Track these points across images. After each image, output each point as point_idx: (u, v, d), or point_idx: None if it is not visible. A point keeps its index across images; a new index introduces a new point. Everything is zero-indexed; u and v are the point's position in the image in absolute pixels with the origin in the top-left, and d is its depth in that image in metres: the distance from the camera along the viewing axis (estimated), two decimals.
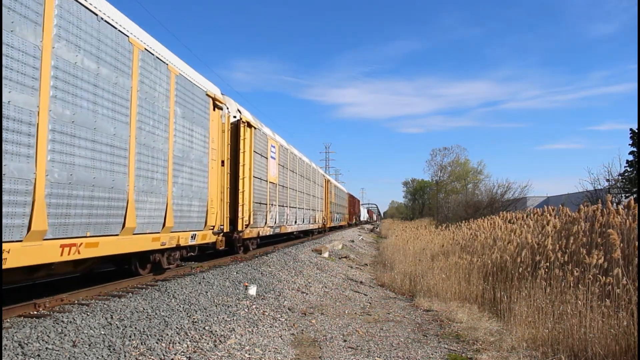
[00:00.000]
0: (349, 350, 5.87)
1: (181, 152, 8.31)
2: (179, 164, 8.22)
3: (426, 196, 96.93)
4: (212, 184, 9.70)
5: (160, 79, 7.62)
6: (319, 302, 8.94)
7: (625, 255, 6.70)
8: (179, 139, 8.24)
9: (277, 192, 15.78)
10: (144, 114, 7.12)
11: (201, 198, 9.07)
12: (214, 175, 9.79)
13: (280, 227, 16.22)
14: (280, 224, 16.25)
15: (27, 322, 5.03)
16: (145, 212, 7.10)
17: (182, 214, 8.32)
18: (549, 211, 10.38)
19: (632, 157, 29.45)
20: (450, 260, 11.26)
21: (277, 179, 15.83)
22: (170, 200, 7.84)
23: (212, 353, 5.06)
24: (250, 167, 12.39)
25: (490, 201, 36.43)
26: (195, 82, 8.98)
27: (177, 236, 8.11)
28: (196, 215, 8.85)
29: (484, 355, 5.73)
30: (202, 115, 9.25)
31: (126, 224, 6.52)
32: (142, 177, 7.01)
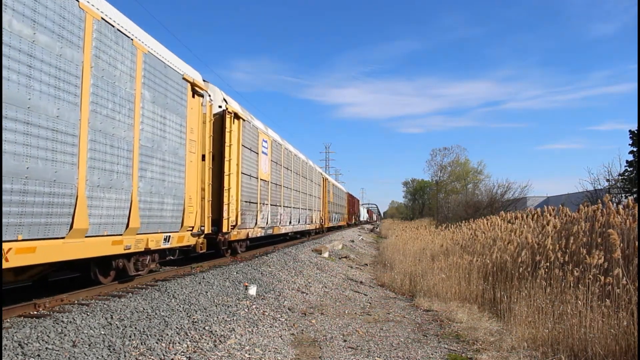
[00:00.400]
0: (349, 350, 5.87)
1: (150, 141, 7.27)
2: (148, 156, 7.19)
3: (426, 196, 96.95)
4: (191, 180, 8.66)
5: (123, 56, 6.57)
6: (319, 302, 8.94)
7: (625, 255, 6.70)
8: (148, 127, 7.20)
9: (270, 191, 14.76)
10: (101, 95, 6.06)
11: (176, 195, 8.06)
12: (192, 170, 8.77)
13: (273, 228, 15.24)
14: (273, 224, 15.25)
15: (27, 322, 5.03)
16: (102, 211, 6.10)
17: (152, 213, 7.30)
18: (549, 211, 10.38)
19: (632, 157, 29.46)
20: (450, 260, 11.26)
21: (270, 176, 14.82)
22: (136, 197, 6.83)
23: (212, 353, 5.06)
24: (238, 162, 11.41)
25: (490, 201, 36.43)
26: (169, 63, 7.92)
27: (146, 239, 7.10)
28: (170, 214, 7.86)
29: (484, 355, 5.73)
30: (177, 101, 8.17)
31: (75, 225, 5.51)
32: (98, 169, 6.00)
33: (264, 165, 14.06)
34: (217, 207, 10.40)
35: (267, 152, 14.59)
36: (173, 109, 8.05)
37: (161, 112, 7.65)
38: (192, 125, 8.76)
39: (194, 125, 8.87)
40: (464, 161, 68.50)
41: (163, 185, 7.68)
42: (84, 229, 5.70)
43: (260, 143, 13.66)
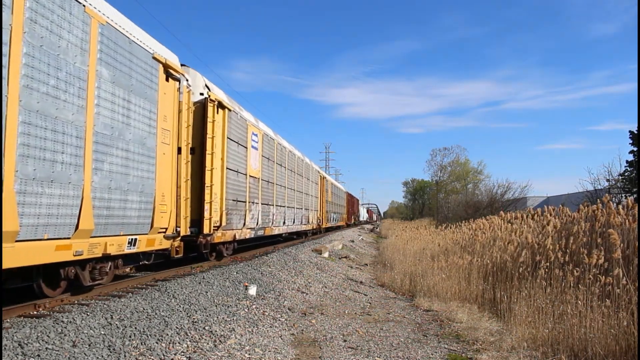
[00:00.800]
0: (349, 350, 5.87)
1: (109, 128, 6.24)
2: (106, 145, 6.16)
3: (426, 196, 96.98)
4: (163, 175, 7.63)
5: (71, 24, 5.51)
6: (319, 302, 8.94)
7: (625, 255, 6.70)
8: (106, 111, 6.17)
9: (260, 188, 13.59)
10: (39, 69, 5.05)
11: (144, 192, 7.03)
12: (166, 164, 7.75)
13: (265, 229, 14.11)
14: (265, 225, 14.10)
15: (27, 322, 5.03)
16: (41, 209, 5.08)
17: (112, 213, 6.28)
18: (549, 211, 10.38)
19: (632, 156, 29.46)
20: (450, 260, 11.27)
21: (260, 172, 13.65)
22: (89, 193, 5.78)
23: (212, 353, 5.06)
24: (223, 156, 10.36)
25: (490, 201, 36.46)
26: (135, 39, 6.86)
27: (104, 242, 6.11)
28: (136, 214, 6.83)
29: (484, 355, 5.74)
30: (145, 84, 7.13)
31: None
32: (34, 158, 4.98)
33: (253, 160, 12.94)
34: (197, 206, 9.39)
35: (258, 146, 13.43)
36: (140, 93, 6.98)
37: (124, 94, 6.60)
38: (165, 112, 7.71)
39: (167, 113, 7.80)
40: (464, 161, 68.57)
41: (126, 180, 6.63)
42: (13, 232, 4.68)
43: (249, 136, 12.53)
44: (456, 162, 68.56)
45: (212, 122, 9.68)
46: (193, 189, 9.08)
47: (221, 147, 10.33)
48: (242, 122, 11.92)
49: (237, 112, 11.52)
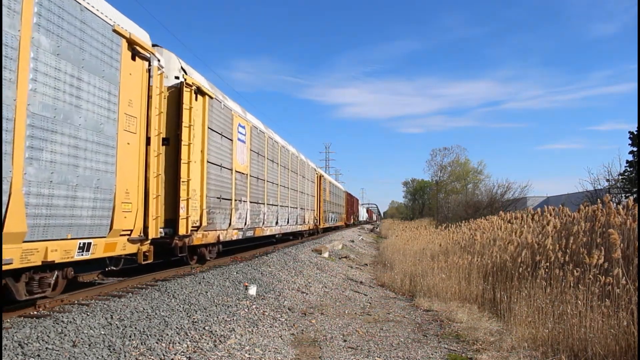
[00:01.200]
0: (349, 350, 5.87)
1: (51, 110, 5.19)
2: (46, 129, 5.13)
3: (426, 196, 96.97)
4: (127, 168, 6.59)
5: None
6: (319, 302, 8.94)
7: (625, 255, 6.70)
8: (47, 89, 5.13)
9: (249, 185, 12.44)
10: None
11: (100, 187, 5.94)
12: (130, 156, 6.68)
13: (255, 230, 13.01)
14: (255, 225, 12.99)
15: (27, 322, 5.03)
16: None
17: (54, 212, 5.23)
18: (549, 211, 10.38)
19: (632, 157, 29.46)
20: (450, 260, 11.27)
21: (249, 168, 12.49)
22: (20, 187, 4.73)
23: (212, 353, 5.06)
24: (203, 148, 9.27)
25: (490, 201, 36.46)
26: (88, 5, 5.77)
27: (44, 248, 5.07)
28: (89, 213, 5.75)
29: (484, 355, 5.74)
30: (103, 60, 6.03)
31: None
32: None
33: (240, 154, 11.80)
34: (172, 205, 8.35)
35: (245, 139, 12.26)
36: (95, 70, 5.90)
37: (72, 70, 5.54)
38: (130, 96, 6.68)
39: (134, 97, 6.77)
40: (464, 161, 68.56)
41: (75, 172, 5.57)
42: None
43: (235, 128, 11.38)
44: (456, 162, 68.58)
45: (188, 109, 8.63)
46: (168, 184, 8.22)
47: (201, 138, 9.22)
48: (226, 112, 10.79)
49: (220, 101, 10.41)
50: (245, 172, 12.23)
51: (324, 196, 27.66)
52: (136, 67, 6.89)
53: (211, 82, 10.42)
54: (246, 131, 12.38)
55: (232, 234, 11.23)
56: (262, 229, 13.88)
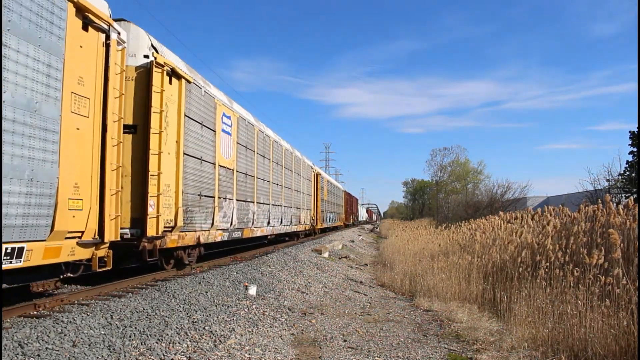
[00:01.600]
0: (349, 350, 5.87)
1: None
2: None
3: (426, 196, 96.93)
4: (76, 158, 5.59)
5: None
6: (319, 302, 8.94)
7: (625, 255, 6.70)
8: None
9: (236, 182, 11.43)
10: None
11: (35, 180, 4.94)
12: (81, 144, 5.69)
13: (243, 230, 12.08)
14: (243, 225, 12.05)
15: (27, 322, 5.03)
16: None
17: None
18: (549, 211, 10.38)
19: (632, 157, 29.46)
20: (450, 260, 11.27)
21: (235, 163, 11.44)
22: None
23: (212, 353, 5.06)
24: (179, 139, 8.24)
25: (490, 201, 36.42)
26: None
27: None
28: (20, 212, 4.74)
29: (484, 355, 5.73)
30: (40, 25, 5.00)
31: None
32: None
33: (225, 147, 10.78)
34: (140, 202, 7.33)
35: (232, 131, 11.22)
36: (28, 36, 4.86)
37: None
38: (81, 72, 5.68)
39: (85, 74, 5.77)
40: (464, 161, 68.49)
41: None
42: None
43: (219, 118, 10.34)
44: (456, 162, 68.51)
45: (159, 93, 7.60)
46: (135, 179, 7.32)
47: (176, 127, 8.22)
48: (208, 100, 9.75)
49: (201, 86, 9.41)
50: (231, 167, 11.18)
51: (321, 195, 26.63)
52: (89, 40, 5.84)
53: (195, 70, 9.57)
54: (232, 122, 11.29)
55: (216, 235, 10.16)
56: (252, 229, 12.90)
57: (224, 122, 10.70)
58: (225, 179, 10.74)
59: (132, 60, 7.49)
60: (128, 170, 7.25)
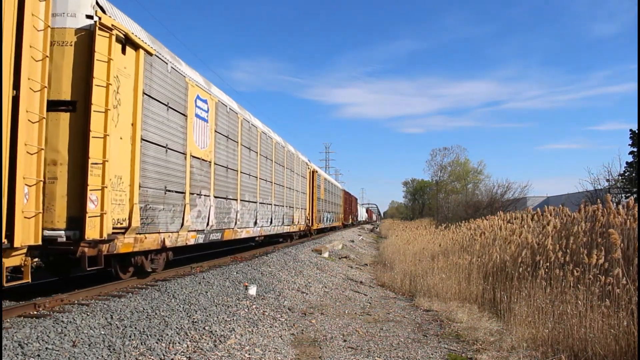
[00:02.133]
0: (349, 350, 5.87)
1: None
2: None
3: (426, 196, 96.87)
4: None
5: None
6: (319, 302, 8.94)
7: (625, 255, 6.70)
8: None
9: (214, 176, 9.97)
10: None
11: None
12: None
13: (224, 232, 10.69)
14: (223, 226, 10.65)
15: (27, 322, 5.03)
16: None
17: None
18: (549, 211, 10.37)
19: (632, 157, 29.46)
20: (450, 260, 11.27)
21: (213, 154, 10.00)
22: None
23: (212, 353, 5.06)
24: (136, 121, 6.86)
25: (490, 201, 36.42)
26: None
27: None
28: None
29: (484, 355, 5.73)
30: None
31: None
32: None
33: (200, 136, 9.30)
34: (79, 196, 5.93)
35: (209, 118, 9.73)
36: None
37: None
38: None
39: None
40: (464, 161, 68.42)
41: None
42: None
43: (191, 101, 8.88)
44: (456, 162, 68.44)
45: (105, 62, 6.21)
46: (72, 167, 5.99)
47: (132, 106, 6.86)
48: (177, 78, 8.31)
49: (167, 62, 7.96)
50: (208, 158, 9.69)
51: (317, 194, 25.11)
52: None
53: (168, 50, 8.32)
54: (209, 107, 9.80)
55: (188, 237, 8.72)
56: (235, 230, 11.38)
57: (198, 106, 9.23)
58: (199, 173, 9.27)
59: (72, 22, 6.12)
60: (64, 157, 5.93)
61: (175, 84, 8.30)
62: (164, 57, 7.93)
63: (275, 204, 15.63)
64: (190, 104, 8.90)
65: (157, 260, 8.32)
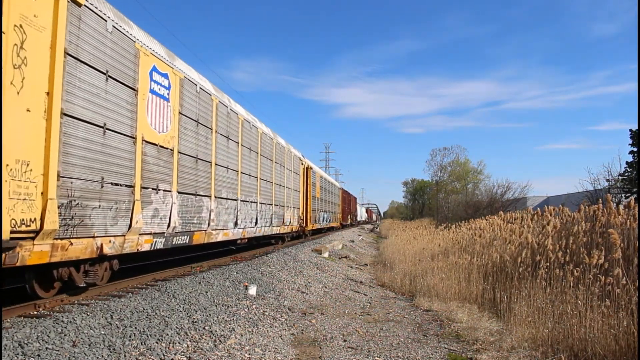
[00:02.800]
0: (349, 350, 5.87)
1: None
2: None
3: (426, 196, 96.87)
4: None
5: None
6: (319, 302, 8.94)
7: (625, 255, 6.70)
8: None
9: (177, 167, 8.23)
10: None
11: None
12: None
13: (193, 234, 8.86)
14: (193, 227, 8.86)
15: (27, 322, 5.03)
16: None
17: None
18: (549, 211, 10.38)
19: (632, 157, 29.46)
20: (450, 260, 11.27)
21: (177, 140, 8.24)
22: None
23: (212, 353, 5.06)
24: (52, 89, 5.22)
25: (490, 201, 36.44)
26: None
27: None
28: None
29: (484, 355, 5.74)
30: None
31: None
32: None
33: (158, 117, 7.64)
34: None
35: (170, 97, 8.07)
36: None
37: None
38: None
39: None
40: (464, 161, 68.44)
41: None
42: None
43: (144, 73, 7.29)
44: (456, 162, 68.45)
45: None
46: None
47: (47, 69, 5.25)
48: (121, 41, 6.68)
49: (106, 19, 6.34)
50: (169, 145, 7.96)
51: (312, 192, 23.41)
52: None
53: None
54: (172, 84, 8.13)
55: (139, 242, 7.08)
56: (208, 232, 9.58)
57: (155, 80, 7.61)
58: (156, 162, 7.54)
59: None
60: None
61: (119, 48, 6.63)
62: (101, 12, 6.23)
63: (262, 202, 13.83)
64: (143, 76, 7.27)
65: (96, 272, 6.54)
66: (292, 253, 14.40)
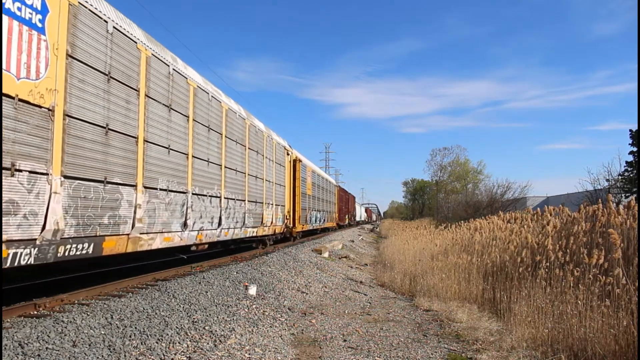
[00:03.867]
0: (349, 350, 5.87)
1: None
2: None
3: (426, 196, 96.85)
4: None
5: None
6: (319, 302, 8.94)
7: (625, 255, 6.70)
8: None
9: (62, 138, 5.39)
10: None
11: None
12: None
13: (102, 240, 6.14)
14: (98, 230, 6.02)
15: (27, 322, 5.03)
16: None
17: None
18: (549, 211, 10.38)
19: (632, 157, 29.46)
20: (450, 260, 11.27)
21: (62, 97, 5.41)
22: None
23: (212, 353, 5.06)
24: None
25: (490, 201, 36.47)
26: None
27: None
28: None
29: (484, 355, 5.74)
30: None
31: None
32: None
33: (15, 52, 4.77)
34: None
35: (46, 25, 5.19)
36: None
37: None
38: None
39: None
40: (463, 161, 68.40)
41: None
42: None
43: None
44: (456, 162, 68.43)
45: None
46: None
47: None
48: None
49: None
50: (42, 103, 5.17)
51: (302, 188, 20.38)
52: None
53: None
54: (50, 7, 5.27)
55: None
56: (133, 237, 6.85)
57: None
58: (13, 127, 4.77)
59: None
60: None
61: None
62: None
63: (229, 197, 10.99)
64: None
65: None
66: (292, 253, 14.40)
